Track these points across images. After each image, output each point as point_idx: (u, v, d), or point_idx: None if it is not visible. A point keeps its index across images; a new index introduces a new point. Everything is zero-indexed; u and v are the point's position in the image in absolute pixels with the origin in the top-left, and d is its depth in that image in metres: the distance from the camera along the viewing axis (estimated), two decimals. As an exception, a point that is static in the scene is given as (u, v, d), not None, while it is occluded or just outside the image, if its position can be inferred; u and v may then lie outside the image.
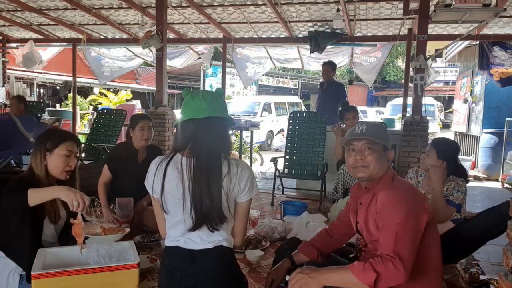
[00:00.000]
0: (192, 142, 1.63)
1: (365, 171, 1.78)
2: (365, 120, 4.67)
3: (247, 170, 1.64)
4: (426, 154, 2.76)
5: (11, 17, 7.50)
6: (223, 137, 1.66)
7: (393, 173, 1.81)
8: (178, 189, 1.62)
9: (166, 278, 1.70)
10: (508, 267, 1.51)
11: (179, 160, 1.64)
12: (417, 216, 1.62)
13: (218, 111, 1.64)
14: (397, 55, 23.97)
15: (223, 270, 1.65)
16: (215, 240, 1.63)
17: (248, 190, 1.64)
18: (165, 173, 1.64)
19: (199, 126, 1.61)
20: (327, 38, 6.75)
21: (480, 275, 2.70)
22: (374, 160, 1.76)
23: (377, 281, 1.49)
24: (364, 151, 1.78)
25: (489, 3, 4.15)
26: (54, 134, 2.21)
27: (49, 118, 8.73)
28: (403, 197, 1.65)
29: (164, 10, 5.50)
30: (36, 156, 2.09)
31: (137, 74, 19.17)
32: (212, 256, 1.63)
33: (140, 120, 3.42)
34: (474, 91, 8.43)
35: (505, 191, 6.26)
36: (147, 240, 3.15)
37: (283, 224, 3.48)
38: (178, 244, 1.66)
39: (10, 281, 2.03)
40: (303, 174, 4.96)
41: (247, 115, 11.69)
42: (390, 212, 1.63)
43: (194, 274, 1.63)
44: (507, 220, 1.59)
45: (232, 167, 1.61)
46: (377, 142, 1.78)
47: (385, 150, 1.81)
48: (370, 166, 1.77)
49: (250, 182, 1.64)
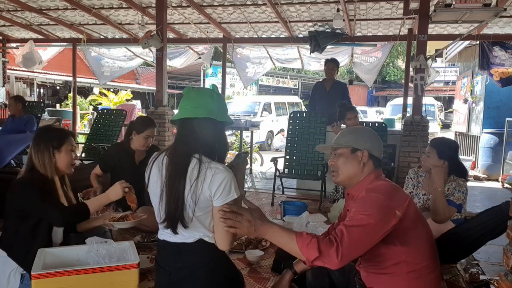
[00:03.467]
0: (174, 143, 1.68)
1: (336, 175, 1.85)
2: (367, 120, 4.63)
3: (221, 174, 1.56)
4: (426, 155, 2.75)
5: (11, 17, 7.50)
6: (203, 139, 1.60)
7: (374, 177, 1.77)
8: (157, 186, 1.66)
9: (158, 273, 1.74)
10: (508, 267, 1.51)
11: (162, 159, 1.68)
12: (382, 218, 1.59)
13: (198, 111, 1.60)
14: (397, 55, 23.98)
15: (208, 264, 1.64)
16: (194, 235, 1.63)
17: (222, 195, 1.55)
18: (150, 170, 1.70)
19: (180, 127, 1.65)
20: (327, 38, 6.75)
21: (480, 275, 2.71)
22: (341, 164, 1.81)
23: (316, 259, 1.53)
24: (334, 157, 1.86)
25: (489, 3, 4.14)
26: (55, 132, 2.25)
27: (49, 118, 8.74)
28: (376, 200, 1.64)
29: (164, 10, 5.50)
30: (43, 156, 2.11)
31: (137, 74, 19.18)
32: (196, 250, 1.63)
33: (148, 128, 3.38)
34: (474, 91, 8.43)
35: (505, 191, 6.26)
36: (147, 240, 3.15)
37: (283, 224, 3.48)
38: (165, 238, 1.69)
39: (11, 280, 2.04)
40: (303, 174, 4.96)
41: (247, 115, 11.69)
42: (357, 209, 1.64)
43: (182, 268, 1.64)
44: (507, 220, 1.59)
45: (206, 170, 1.56)
46: (339, 147, 1.82)
47: (354, 152, 1.79)
48: (338, 170, 1.82)
49: (224, 187, 1.55)
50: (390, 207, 1.63)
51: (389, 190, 1.72)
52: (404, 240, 1.67)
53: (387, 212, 1.61)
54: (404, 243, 1.67)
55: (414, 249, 1.69)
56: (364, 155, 1.79)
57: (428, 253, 1.75)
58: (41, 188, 2.05)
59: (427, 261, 1.72)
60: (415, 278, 1.69)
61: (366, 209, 1.61)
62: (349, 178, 1.81)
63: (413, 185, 2.93)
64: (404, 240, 1.67)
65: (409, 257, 1.68)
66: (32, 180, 2.07)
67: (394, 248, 1.67)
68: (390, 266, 1.69)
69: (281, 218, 3.81)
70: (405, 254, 1.68)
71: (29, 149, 2.18)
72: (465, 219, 2.69)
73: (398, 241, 1.66)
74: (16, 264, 2.05)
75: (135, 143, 3.41)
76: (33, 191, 2.02)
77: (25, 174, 2.14)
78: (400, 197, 1.70)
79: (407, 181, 2.98)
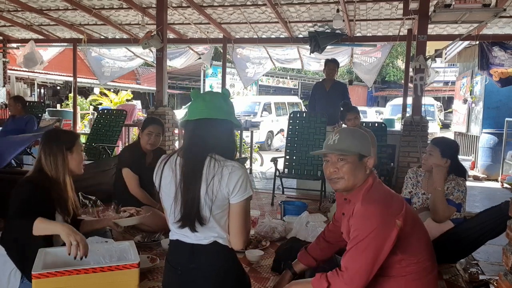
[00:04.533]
0: (187, 143, 1.68)
1: (340, 183, 1.74)
2: (367, 120, 4.61)
3: (238, 171, 1.60)
4: (428, 154, 2.73)
5: (12, 17, 7.50)
6: (219, 139, 1.64)
7: (371, 182, 1.75)
8: (171, 187, 1.66)
9: (168, 272, 1.73)
10: (508, 266, 1.52)
11: (175, 159, 1.68)
12: (382, 234, 1.59)
13: (216, 112, 1.63)
14: (397, 55, 23.96)
15: (222, 267, 1.65)
16: (209, 236, 1.64)
17: (239, 191, 1.60)
18: (162, 171, 1.70)
19: (195, 127, 1.65)
20: (327, 39, 6.75)
21: (480, 275, 2.71)
22: (348, 172, 1.71)
23: None
24: (337, 163, 1.73)
25: (489, 3, 4.15)
26: (65, 134, 2.29)
27: (50, 118, 8.74)
28: (373, 213, 1.62)
29: (164, 11, 5.50)
30: (56, 158, 2.14)
31: (137, 74, 19.18)
32: (211, 252, 1.64)
33: (149, 125, 3.44)
34: (473, 91, 8.43)
35: (505, 191, 6.26)
36: (147, 240, 3.16)
37: (283, 224, 3.49)
38: (179, 238, 1.69)
39: (11, 280, 2.05)
40: (303, 174, 4.96)
41: (247, 115, 11.70)
42: (357, 227, 1.63)
43: (194, 269, 1.64)
44: (506, 220, 1.59)
45: (222, 169, 1.59)
46: (349, 154, 1.72)
47: (361, 159, 1.74)
48: (344, 177, 1.72)
49: (241, 184, 1.60)
50: (389, 216, 1.61)
51: (388, 198, 1.70)
52: (404, 247, 1.66)
53: (387, 223, 1.60)
54: (404, 251, 1.66)
55: (413, 253, 1.69)
56: (370, 162, 1.75)
57: (427, 255, 1.74)
58: (41, 191, 2.05)
59: (425, 263, 1.72)
60: (414, 279, 1.69)
61: (365, 228, 1.60)
62: (353, 185, 1.74)
63: (412, 184, 2.93)
64: (404, 247, 1.66)
65: (408, 262, 1.68)
66: (37, 181, 2.09)
67: (394, 257, 1.66)
68: (389, 270, 1.69)
69: (281, 218, 3.82)
70: (405, 260, 1.68)
71: (38, 152, 2.19)
72: (464, 219, 2.70)
73: (398, 250, 1.65)
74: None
75: (142, 142, 3.47)
76: (31, 191, 2.03)
77: (33, 174, 2.15)
78: (397, 204, 1.68)
79: (407, 181, 2.98)
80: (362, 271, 1.58)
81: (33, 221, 1.86)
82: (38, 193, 2.04)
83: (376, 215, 1.61)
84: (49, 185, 2.10)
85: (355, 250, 1.61)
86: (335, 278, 1.62)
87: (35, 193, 2.03)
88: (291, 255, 2.59)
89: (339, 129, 1.84)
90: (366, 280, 1.59)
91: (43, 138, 2.22)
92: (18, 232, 2.04)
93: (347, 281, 1.59)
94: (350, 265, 1.60)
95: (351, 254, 1.62)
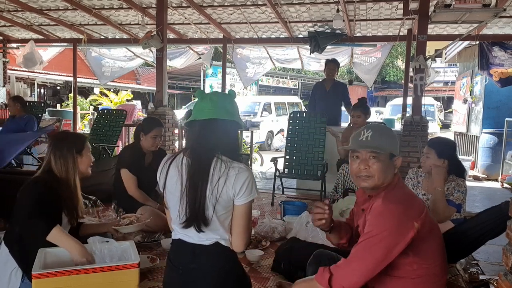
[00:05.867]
0: (193, 143, 1.68)
1: (369, 181, 1.68)
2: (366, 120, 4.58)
3: (244, 173, 1.61)
4: (425, 156, 2.74)
5: (12, 17, 7.50)
6: (225, 140, 1.65)
7: (396, 182, 1.72)
8: (177, 187, 1.66)
9: (169, 271, 1.73)
10: (508, 266, 1.52)
11: (180, 159, 1.68)
12: (396, 234, 1.56)
13: (222, 113, 1.64)
14: (397, 55, 23.96)
15: (222, 268, 1.66)
16: (212, 237, 1.64)
17: (244, 193, 1.60)
18: (168, 171, 1.69)
19: (202, 127, 1.65)
20: (327, 39, 6.74)
21: (480, 275, 2.71)
22: (379, 170, 1.66)
23: (331, 280, 1.61)
24: (368, 160, 1.68)
25: (489, 3, 4.14)
26: (74, 137, 2.31)
27: (50, 118, 8.74)
28: (392, 212, 1.59)
29: (164, 11, 5.50)
30: (66, 161, 2.15)
31: (137, 74, 19.19)
32: (212, 252, 1.64)
33: (154, 128, 3.44)
34: (473, 91, 8.43)
35: (505, 191, 6.27)
36: (147, 240, 3.16)
37: (283, 224, 3.49)
38: (181, 238, 1.69)
39: (12, 279, 2.05)
40: (303, 174, 4.96)
41: (247, 115, 11.70)
42: (372, 223, 1.62)
43: (194, 269, 1.64)
44: (506, 220, 1.59)
45: (229, 169, 1.60)
46: (382, 152, 1.68)
47: (391, 158, 1.70)
48: (374, 176, 1.67)
49: (247, 186, 1.60)
50: (407, 217, 1.59)
51: (409, 199, 1.68)
52: (418, 250, 1.63)
53: (403, 225, 1.57)
54: (417, 254, 1.63)
55: (425, 257, 1.66)
56: (398, 162, 1.72)
57: (438, 261, 1.72)
58: (50, 191, 2.06)
59: (436, 269, 1.70)
60: (422, 283, 1.67)
61: (380, 226, 1.57)
62: (381, 184, 1.69)
63: (412, 185, 2.93)
64: (418, 250, 1.63)
65: (419, 265, 1.66)
66: (46, 181, 2.10)
67: (406, 258, 1.63)
68: (398, 270, 1.66)
69: (281, 218, 3.82)
70: (417, 263, 1.65)
71: (47, 155, 2.19)
72: (464, 219, 2.70)
73: (411, 252, 1.62)
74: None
75: (145, 144, 3.47)
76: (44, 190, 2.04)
77: (41, 174, 2.16)
78: (418, 207, 1.65)
79: (407, 181, 2.98)
80: (366, 266, 1.57)
81: (50, 225, 1.90)
82: (48, 193, 2.05)
83: (395, 215, 1.59)
84: (57, 186, 2.11)
85: (364, 244, 1.59)
86: (337, 268, 1.62)
87: (47, 192, 2.05)
88: (291, 255, 2.60)
89: (370, 125, 1.79)
90: (368, 275, 1.58)
91: (52, 141, 2.23)
92: (27, 232, 2.03)
93: (349, 272, 1.59)
94: (356, 257, 1.60)
95: (359, 247, 1.61)
